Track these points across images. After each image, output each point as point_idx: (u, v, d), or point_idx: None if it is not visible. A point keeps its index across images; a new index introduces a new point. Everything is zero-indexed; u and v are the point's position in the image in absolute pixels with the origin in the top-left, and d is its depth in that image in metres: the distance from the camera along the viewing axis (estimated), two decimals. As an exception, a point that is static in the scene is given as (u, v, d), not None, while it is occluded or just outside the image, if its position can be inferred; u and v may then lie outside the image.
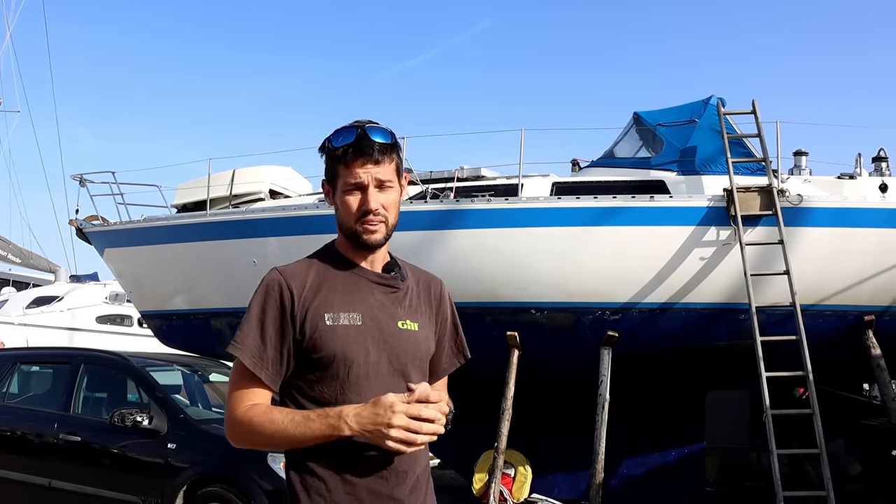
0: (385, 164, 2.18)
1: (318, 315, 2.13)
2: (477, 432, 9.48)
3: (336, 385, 2.13)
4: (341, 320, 2.14)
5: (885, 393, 8.68)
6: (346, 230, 2.21)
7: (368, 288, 2.22)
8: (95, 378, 8.06)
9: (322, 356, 2.12)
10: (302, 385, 2.16)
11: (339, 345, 2.13)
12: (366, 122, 2.20)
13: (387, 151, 2.18)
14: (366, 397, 2.09)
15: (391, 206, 2.21)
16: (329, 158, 2.22)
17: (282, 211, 9.96)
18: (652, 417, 9.56)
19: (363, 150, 2.15)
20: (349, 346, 2.13)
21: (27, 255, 24.78)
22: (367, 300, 2.20)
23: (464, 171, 10.39)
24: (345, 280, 2.21)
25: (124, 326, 18.87)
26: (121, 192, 11.39)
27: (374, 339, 2.17)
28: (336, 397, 2.12)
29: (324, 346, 2.12)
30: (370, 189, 2.17)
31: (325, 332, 2.13)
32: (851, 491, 9.46)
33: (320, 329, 2.12)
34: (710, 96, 9.61)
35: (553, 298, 8.92)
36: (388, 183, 2.19)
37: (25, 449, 7.76)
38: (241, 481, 6.54)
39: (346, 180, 2.17)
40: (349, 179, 2.17)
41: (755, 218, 8.52)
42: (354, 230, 2.19)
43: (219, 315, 10.69)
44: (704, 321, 8.80)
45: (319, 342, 2.12)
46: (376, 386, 2.13)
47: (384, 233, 2.21)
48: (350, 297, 2.19)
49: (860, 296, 8.60)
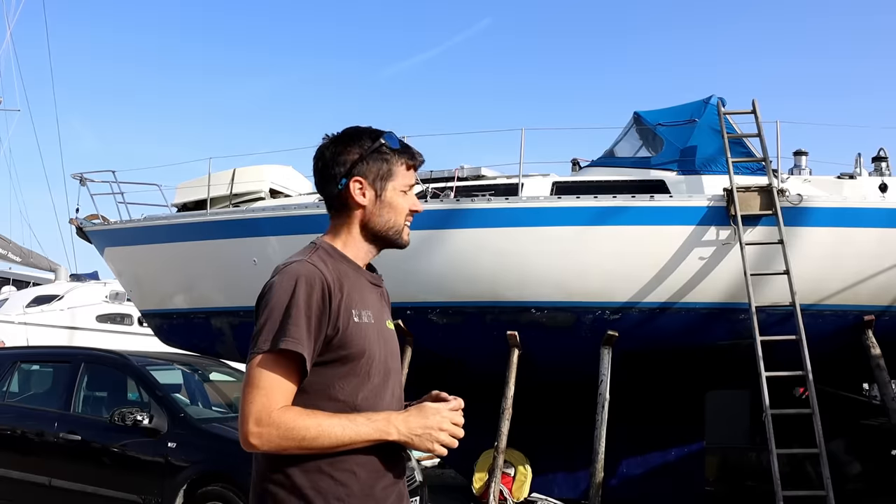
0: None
1: (348, 311, 2.13)
2: (477, 432, 9.49)
3: (357, 381, 2.12)
4: (363, 318, 2.16)
5: (884, 393, 8.69)
6: (388, 228, 2.26)
7: (369, 288, 2.26)
8: (96, 377, 8.06)
9: (352, 352, 2.11)
10: (321, 384, 2.10)
11: (366, 342, 2.14)
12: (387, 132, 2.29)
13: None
14: (380, 393, 2.16)
15: None
16: (381, 157, 2.24)
17: (282, 210, 9.96)
18: (652, 417, 9.57)
19: (416, 157, 2.29)
20: (370, 344, 2.16)
21: (27, 254, 24.77)
22: (370, 299, 2.23)
23: (464, 170, 10.40)
24: (354, 279, 2.22)
25: (124, 325, 18.88)
26: (121, 191, 11.42)
27: (380, 338, 2.21)
28: (357, 394, 2.12)
29: (354, 342, 2.11)
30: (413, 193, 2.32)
31: (354, 328, 2.12)
32: (851, 491, 9.46)
33: (351, 325, 2.12)
34: (710, 96, 9.62)
35: (553, 298, 8.93)
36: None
37: (26, 448, 7.76)
38: (241, 480, 6.53)
39: (404, 181, 2.27)
40: (407, 181, 2.28)
41: (755, 218, 8.52)
42: (401, 229, 2.28)
43: (219, 314, 10.69)
44: (704, 321, 8.80)
45: (350, 338, 2.11)
46: (384, 382, 2.18)
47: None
48: (362, 295, 2.20)
49: (860, 296, 8.61)
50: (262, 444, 2.01)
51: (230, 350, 10.72)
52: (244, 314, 10.00)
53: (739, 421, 10.28)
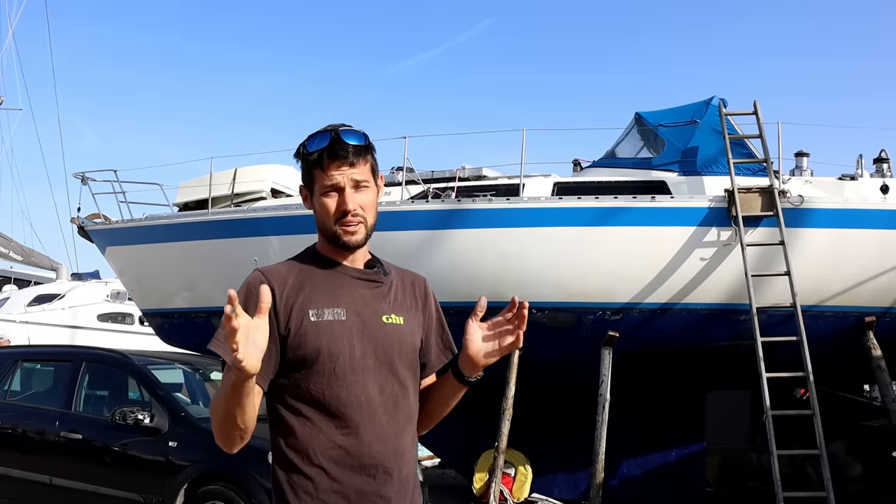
0: (360, 166, 2.22)
1: (303, 312, 2.15)
2: (477, 432, 9.50)
3: (323, 380, 2.14)
4: (325, 316, 2.16)
5: (885, 394, 8.69)
6: (325, 232, 2.24)
7: (352, 284, 2.25)
8: (97, 376, 8.07)
9: (308, 352, 2.14)
10: (289, 385, 2.17)
11: (325, 340, 2.15)
12: (339, 125, 2.24)
13: (361, 153, 2.22)
14: (353, 391, 2.15)
15: (369, 207, 2.24)
16: (305, 163, 2.25)
17: (283, 210, 9.97)
18: (652, 418, 9.57)
19: (337, 152, 2.18)
20: (334, 341, 2.15)
21: (29, 253, 24.81)
22: (350, 295, 2.22)
23: (465, 170, 10.40)
24: (327, 277, 2.23)
25: (125, 324, 18.90)
26: (122, 191, 11.42)
27: (359, 334, 2.19)
28: (324, 392, 2.14)
29: (309, 341, 2.14)
30: (347, 190, 2.20)
31: (309, 327, 2.14)
32: (851, 492, 9.46)
33: (305, 325, 2.14)
34: (711, 97, 9.62)
35: (554, 298, 8.93)
36: (363, 183, 2.22)
37: (27, 446, 7.77)
38: (242, 479, 6.55)
39: (322, 183, 2.21)
40: (325, 182, 2.20)
41: (756, 219, 8.52)
42: (334, 231, 2.22)
43: (220, 314, 10.60)
44: (705, 321, 8.80)
45: (305, 338, 2.14)
46: (363, 379, 2.17)
47: (364, 233, 2.24)
48: (334, 292, 2.21)
49: (861, 297, 8.61)
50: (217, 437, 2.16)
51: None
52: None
53: (740, 422, 10.28)
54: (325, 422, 2.15)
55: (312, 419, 2.15)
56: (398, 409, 2.22)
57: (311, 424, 2.15)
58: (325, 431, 2.14)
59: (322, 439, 2.13)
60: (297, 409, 2.16)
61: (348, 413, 2.14)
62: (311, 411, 2.15)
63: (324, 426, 2.14)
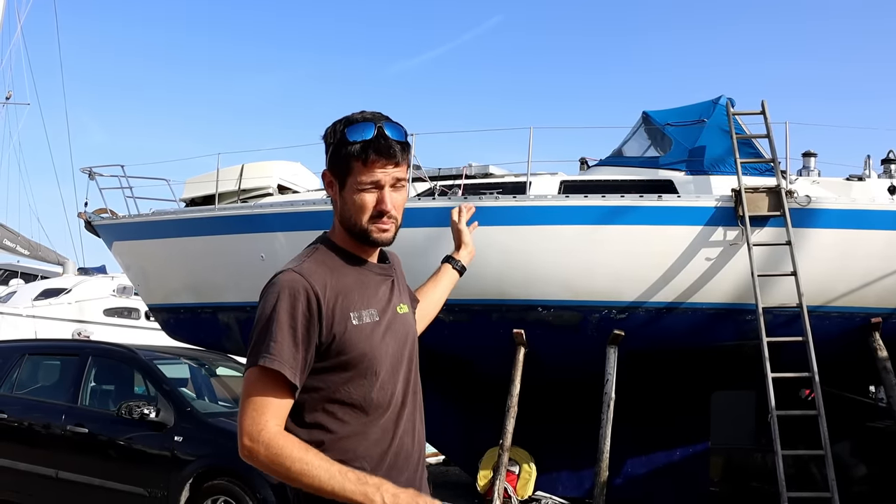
0: (402, 165, 2.13)
1: (345, 316, 2.08)
2: (482, 429, 9.51)
3: (366, 384, 2.10)
4: (364, 318, 2.11)
5: (891, 395, 8.66)
6: (353, 227, 2.15)
7: (376, 282, 2.22)
8: (103, 370, 8.10)
9: (352, 357, 2.08)
10: (325, 388, 2.09)
11: (367, 344, 2.11)
12: (380, 116, 2.13)
13: (405, 150, 2.13)
14: (390, 390, 2.15)
15: (401, 206, 2.17)
16: (341, 151, 2.10)
17: (290, 206, 9.98)
18: (657, 417, 9.57)
19: (383, 150, 2.07)
20: (376, 345, 2.13)
21: (35, 248, 24.88)
22: (377, 295, 2.20)
23: (472, 168, 10.39)
24: (357, 277, 2.18)
25: (132, 319, 18.98)
26: (129, 186, 11.47)
27: (390, 333, 2.18)
28: (365, 397, 2.11)
29: (354, 346, 2.08)
30: (386, 189, 2.11)
31: (353, 332, 2.09)
32: (856, 493, 9.44)
33: (349, 330, 2.08)
34: (719, 96, 9.60)
35: (560, 297, 8.93)
36: (402, 182, 2.14)
37: (33, 440, 7.80)
38: (247, 474, 6.56)
39: (361, 178, 2.09)
40: (365, 178, 2.09)
41: (763, 219, 8.51)
42: (364, 229, 2.13)
43: (226, 309, 10.72)
44: (711, 321, 8.79)
45: (349, 343, 2.08)
46: (395, 377, 2.18)
47: (394, 232, 2.16)
48: (364, 293, 2.16)
49: (867, 298, 8.59)
50: (251, 460, 2.01)
51: (237, 345, 10.75)
52: (251, 309, 9.94)
53: (745, 422, 10.27)
54: (363, 424, 2.11)
55: (350, 422, 2.10)
56: (416, 395, 2.25)
57: (349, 426, 2.10)
58: (363, 433, 2.11)
59: (361, 441, 2.10)
60: (332, 412, 2.10)
61: (386, 414, 2.14)
62: (349, 413, 2.10)
63: (362, 428, 2.11)
